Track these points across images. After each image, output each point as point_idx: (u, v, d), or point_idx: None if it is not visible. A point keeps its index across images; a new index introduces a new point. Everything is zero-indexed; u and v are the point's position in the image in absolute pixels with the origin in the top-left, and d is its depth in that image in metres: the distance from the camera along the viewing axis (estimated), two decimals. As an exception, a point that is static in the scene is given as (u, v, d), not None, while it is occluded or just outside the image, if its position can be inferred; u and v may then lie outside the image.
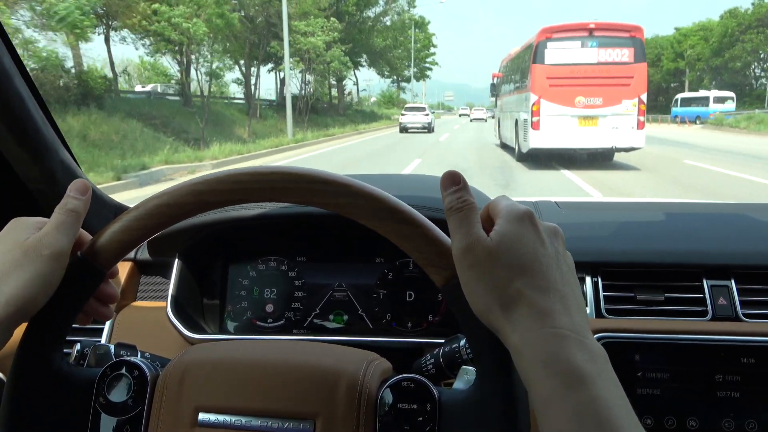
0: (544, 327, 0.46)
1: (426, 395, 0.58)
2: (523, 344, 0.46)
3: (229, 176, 0.56)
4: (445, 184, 0.53)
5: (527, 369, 0.46)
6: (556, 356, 0.45)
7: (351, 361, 0.62)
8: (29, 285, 0.53)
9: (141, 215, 0.57)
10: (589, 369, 0.44)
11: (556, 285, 0.48)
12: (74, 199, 0.59)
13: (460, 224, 0.50)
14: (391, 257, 1.01)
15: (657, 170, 11.43)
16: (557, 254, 0.51)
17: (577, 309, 0.48)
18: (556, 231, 0.53)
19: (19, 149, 0.92)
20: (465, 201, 0.51)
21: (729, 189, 8.96)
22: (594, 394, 0.43)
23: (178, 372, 0.61)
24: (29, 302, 0.54)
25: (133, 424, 0.60)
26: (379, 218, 0.54)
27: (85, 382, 0.61)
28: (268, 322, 1.03)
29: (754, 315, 0.92)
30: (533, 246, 0.49)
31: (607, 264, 0.97)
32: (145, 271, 1.10)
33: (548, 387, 0.44)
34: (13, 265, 0.54)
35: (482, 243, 0.49)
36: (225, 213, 0.96)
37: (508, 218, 0.50)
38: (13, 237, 0.56)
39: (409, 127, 29.62)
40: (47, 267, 0.54)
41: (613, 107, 11.58)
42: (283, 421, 0.58)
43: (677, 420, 0.88)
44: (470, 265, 0.49)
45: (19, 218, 0.59)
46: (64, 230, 0.57)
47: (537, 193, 8.93)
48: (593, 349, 0.46)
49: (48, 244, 0.55)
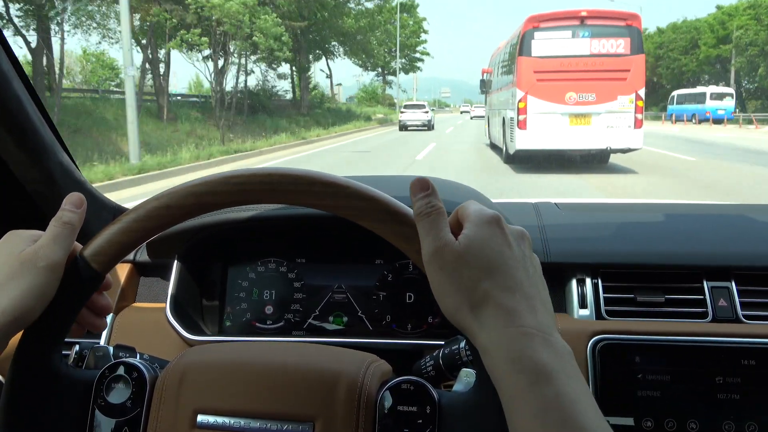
0: (511, 326, 0.49)
1: (426, 398, 0.59)
2: (490, 343, 0.49)
3: (229, 178, 0.58)
4: (414, 190, 0.55)
5: (495, 367, 0.49)
6: (522, 354, 0.47)
7: (350, 363, 0.64)
8: (25, 296, 0.56)
9: (140, 217, 0.59)
10: (554, 366, 0.47)
11: (522, 285, 0.51)
12: (69, 212, 0.62)
13: (429, 228, 0.53)
14: (391, 259, 1.04)
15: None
16: (524, 256, 0.53)
17: (542, 308, 0.51)
18: (523, 234, 0.55)
19: (18, 151, 0.95)
20: (433, 206, 0.54)
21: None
22: (558, 390, 0.46)
23: (177, 374, 0.63)
24: (25, 313, 0.56)
25: (132, 425, 0.62)
26: (379, 220, 0.56)
27: (83, 383, 0.63)
28: (267, 324, 1.05)
29: (754, 316, 0.94)
30: (500, 248, 0.52)
31: (608, 265, 0.99)
32: (144, 272, 1.13)
33: (513, 384, 0.47)
34: (9, 277, 0.57)
35: (450, 246, 0.52)
36: (224, 214, 1.00)
37: (476, 222, 0.53)
38: (9, 249, 0.59)
39: (408, 124, 30.84)
40: (43, 278, 0.57)
41: (607, 104, 10.96)
42: (282, 423, 0.59)
43: (677, 422, 0.89)
44: (439, 267, 0.52)
45: (15, 231, 0.62)
46: (59, 242, 0.59)
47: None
48: (558, 346, 0.49)
49: (44, 256, 0.58)
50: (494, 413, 0.52)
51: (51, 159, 1.00)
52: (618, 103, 10.87)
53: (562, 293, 1.01)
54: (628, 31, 10.81)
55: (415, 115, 30.95)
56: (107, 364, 0.64)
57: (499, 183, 9.72)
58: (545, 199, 1.34)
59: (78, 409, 0.62)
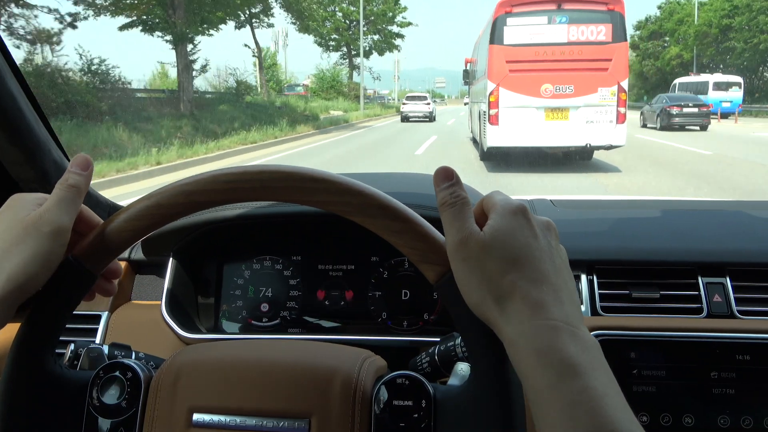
0: (537, 318, 0.50)
1: (421, 392, 0.61)
2: (516, 336, 0.50)
3: (218, 176, 0.60)
4: (438, 180, 0.57)
5: (521, 360, 0.50)
6: (549, 347, 0.48)
7: (345, 359, 0.66)
8: (30, 262, 0.57)
9: (131, 216, 0.61)
10: (582, 360, 0.48)
11: (548, 277, 0.52)
12: (75, 174, 0.62)
13: (453, 219, 0.55)
14: (386, 256, 1.09)
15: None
16: (550, 248, 0.55)
17: (569, 301, 0.53)
18: (549, 225, 0.57)
19: (13, 149, 0.97)
20: (458, 196, 0.55)
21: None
22: (586, 384, 0.47)
23: (171, 373, 0.66)
24: (30, 280, 0.57)
25: (128, 425, 0.64)
26: (370, 215, 0.57)
27: (78, 384, 0.65)
28: (263, 322, 1.09)
29: (749, 312, 0.98)
30: (526, 239, 0.53)
31: (603, 262, 1.04)
32: (139, 270, 1.18)
33: (541, 378, 0.48)
34: (13, 242, 0.57)
35: (475, 237, 0.53)
36: (219, 212, 1.04)
37: (501, 213, 0.54)
38: (13, 213, 0.60)
39: (410, 116, 32.29)
40: (48, 244, 0.58)
41: (587, 97, 10.44)
42: (278, 420, 0.61)
43: (673, 417, 0.92)
44: (464, 259, 0.53)
45: (19, 194, 0.63)
46: (64, 206, 0.60)
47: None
48: (586, 340, 0.50)
49: (49, 221, 0.58)
50: (490, 406, 0.55)
51: (45, 157, 1.04)
52: (599, 95, 10.47)
53: None
54: (610, 17, 10.43)
55: (417, 107, 32.41)
56: (101, 365, 0.66)
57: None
58: (540, 196, 1.41)
59: (73, 410, 0.64)
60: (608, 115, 10.46)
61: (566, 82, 10.45)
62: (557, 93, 10.52)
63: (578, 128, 10.57)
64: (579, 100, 10.47)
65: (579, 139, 10.64)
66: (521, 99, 10.57)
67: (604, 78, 10.37)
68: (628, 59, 10.75)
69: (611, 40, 10.34)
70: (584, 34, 10.38)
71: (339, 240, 1.10)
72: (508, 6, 10.59)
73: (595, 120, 10.49)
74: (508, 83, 10.58)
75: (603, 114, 10.46)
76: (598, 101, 10.43)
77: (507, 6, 10.59)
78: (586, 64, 10.36)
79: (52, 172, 1.05)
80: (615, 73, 10.41)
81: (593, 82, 10.40)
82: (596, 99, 10.42)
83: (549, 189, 8.98)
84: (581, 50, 10.40)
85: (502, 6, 10.62)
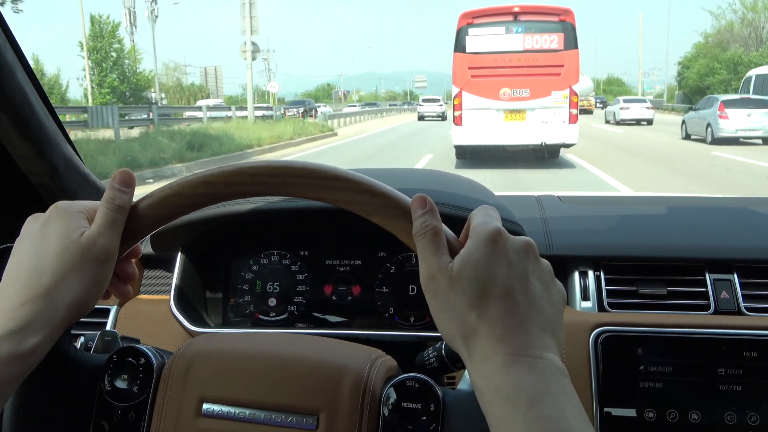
0: (497, 355, 0.48)
1: (430, 395, 0.60)
2: (477, 376, 0.49)
3: (243, 169, 0.58)
4: (413, 207, 0.55)
5: (481, 399, 0.49)
6: (504, 382, 0.47)
7: (356, 357, 0.65)
8: (88, 291, 0.56)
9: (153, 204, 0.59)
10: (537, 389, 0.46)
11: (516, 307, 0.50)
12: (121, 192, 0.59)
13: (424, 252, 0.53)
14: (394, 251, 1.05)
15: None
16: (525, 273, 0.51)
17: (539, 329, 0.50)
18: (528, 248, 0.53)
19: (22, 144, 0.95)
20: (427, 225, 0.53)
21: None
22: (540, 413, 0.45)
23: (183, 362, 0.64)
24: (87, 305, 0.56)
25: (138, 411, 0.63)
26: (389, 216, 0.56)
27: (92, 367, 0.64)
28: (270, 316, 1.06)
29: (756, 309, 0.95)
30: (496, 269, 0.50)
31: (610, 258, 1.01)
32: (148, 264, 1.14)
33: (497, 413, 0.47)
34: (71, 269, 0.55)
35: (443, 271, 0.51)
36: (227, 207, 1.00)
37: (475, 240, 0.52)
38: (64, 231, 0.56)
39: (426, 115, 36.90)
40: (103, 272, 0.57)
41: (541, 99, 11.14)
42: (287, 415, 0.60)
43: (679, 413, 0.89)
44: (433, 295, 0.52)
45: (63, 203, 0.59)
46: (115, 230, 0.57)
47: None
48: (545, 367, 0.48)
49: (104, 248, 0.56)
50: None
51: (55, 152, 1.01)
52: (552, 98, 11.05)
53: (564, 285, 1.04)
54: (562, 27, 10.99)
55: (431, 108, 37.48)
56: (115, 348, 0.65)
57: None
58: (548, 192, 1.36)
59: (86, 392, 0.63)
60: (561, 116, 11.00)
61: (523, 86, 11.01)
62: (515, 96, 11.06)
63: (534, 128, 11.09)
64: (534, 102, 11.01)
65: (535, 138, 11.17)
66: (482, 102, 11.09)
67: (557, 82, 10.93)
68: (578, 65, 11.13)
69: (563, 48, 10.87)
70: (538, 43, 10.92)
71: (346, 235, 1.06)
72: (470, 17, 11.11)
73: (549, 120, 11.03)
74: (470, 87, 11.11)
75: (556, 115, 11.00)
76: (552, 103, 10.97)
77: (469, 17, 11.12)
78: (540, 69, 10.88)
79: (61, 166, 1.02)
80: (567, 77, 10.93)
81: (547, 86, 10.93)
82: (550, 101, 10.97)
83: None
84: (536, 57, 10.90)
85: (464, 17, 11.14)
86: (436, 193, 0.95)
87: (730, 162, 12.23)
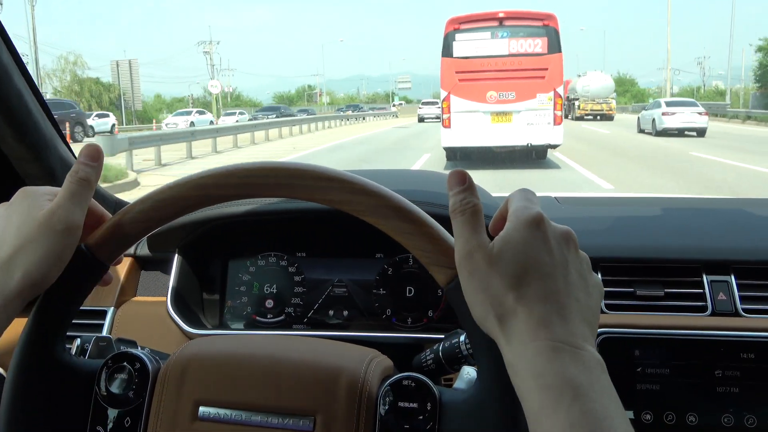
0: (538, 339, 0.47)
1: (427, 394, 0.59)
2: (515, 358, 0.47)
3: (236, 171, 0.58)
4: (451, 183, 0.53)
5: (519, 383, 0.47)
6: (548, 369, 0.45)
7: (352, 358, 0.64)
8: (44, 261, 0.55)
9: (146, 208, 0.59)
10: (582, 381, 0.45)
11: (556, 294, 0.48)
12: (85, 165, 0.58)
13: (462, 228, 0.51)
14: (391, 253, 1.04)
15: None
16: (565, 261, 0.50)
17: (579, 318, 0.48)
18: (568, 236, 0.52)
19: (20, 146, 0.94)
20: (468, 203, 0.52)
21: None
22: (585, 407, 0.44)
23: (179, 365, 0.63)
24: (43, 277, 0.55)
25: (134, 416, 0.62)
26: (383, 215, 0.55)
27: (86, 373, 0.63)
28: (267, 318, 1.05)
29: (753, 310, 0.94)
30: (537, 254, 0.49)
31: (607, 259, 0.99)
32: (145, 266, 1.13)
33: (539, 400, 0.45)
34: (27, 240, 0.55)
35: (482, 250, 0.50)
36: (224, 208, 0.99)
37: (515, 223, 0.50)
38: (26, 208, 0.57)
39: (425, 117, 39.25)
40: (61, 242, 0.55)
41: (526, 102, 11.34)
42: (284, 417, 0.59)
43: (677, 415, 0.89)
44: (470, 273, 0.50)
45: (29, 187, 0.59)
46: (77, 202, 0.57)
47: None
48: (588, 359, 0.46)
49: (62, 218, 0.56)
50: (495, 411, 0.54)
51: (51, 154, 1.00)
52: (537, 101, 11.25)
53: None
54: (545, 31, 11.19)
55: (431, 110, 38.62)
56: (110, 354, 0.64)
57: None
58: (544, 193, 1.34)
59: (80, 398, 0.62)
60: (546, 118, 11.19)
61: (508, 89, 11.21)
62: (501, 99, 11.25)
63: (520, 130, 11.27)
64: (520, 105, 11.20)
65: (521, 139, 11.35)
66: (470, 105, 11.28)
67: (541, 85, 11.13)
68: (562, 68, 11.33)
69: (547, 52, 11.09)
70: (523, 47, 11.14)
71: (343, 236, 1.04)
72: (457, 23, 11.32)
73: (534, 122, 11.23)
74: (457, 91, 11.29)
75: (541, 117, 11.20)
76: (537, 106, 11.17)
77: (455, 23, 11.31)
78: (525, 73, 11.09)
79: (58, 168, 1.01)
80: (551, 80, 11.13)
81: (532, 88, 11.13)
82: (535, 104, 11.17)
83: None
84: (521, 61, 11.12)
85: (451, 23, 11.32)
86: (433, 194, 0.95)
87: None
